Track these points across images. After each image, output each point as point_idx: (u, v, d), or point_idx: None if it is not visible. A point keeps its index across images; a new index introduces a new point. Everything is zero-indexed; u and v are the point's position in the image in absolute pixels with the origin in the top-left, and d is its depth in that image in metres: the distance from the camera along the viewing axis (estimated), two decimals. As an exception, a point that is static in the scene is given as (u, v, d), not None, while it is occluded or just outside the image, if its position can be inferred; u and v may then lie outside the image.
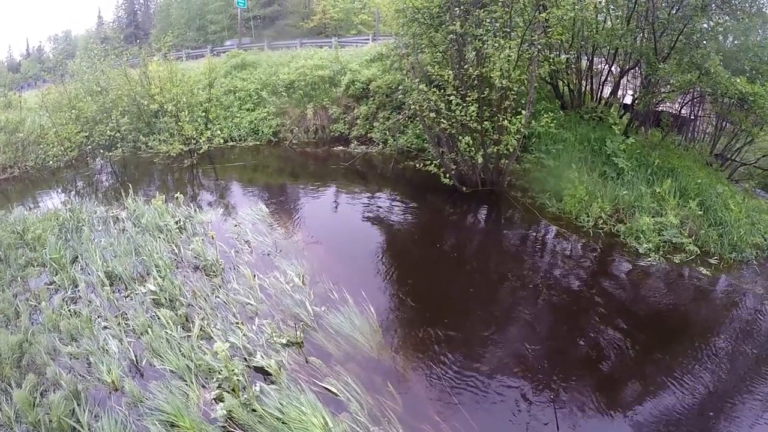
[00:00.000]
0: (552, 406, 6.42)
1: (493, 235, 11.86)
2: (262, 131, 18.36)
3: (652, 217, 11.94)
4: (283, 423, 5.39)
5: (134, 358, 6.44)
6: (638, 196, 12.50)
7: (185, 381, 5.95)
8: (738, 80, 11.74)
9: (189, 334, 6.83)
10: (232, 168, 15.63)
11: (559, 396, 6.63)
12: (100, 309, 7.55)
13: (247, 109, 18.98)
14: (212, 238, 9.60)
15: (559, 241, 11.40)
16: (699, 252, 11.34)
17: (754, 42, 12.83)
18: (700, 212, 12.26)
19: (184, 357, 6.29)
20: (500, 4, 11.21)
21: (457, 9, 11.97)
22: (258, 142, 18.13)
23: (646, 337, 8.40)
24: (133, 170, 15.16)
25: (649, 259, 10.86)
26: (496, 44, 11.30)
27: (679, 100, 17.49)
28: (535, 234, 11.76)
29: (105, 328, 7.00)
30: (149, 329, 6.84)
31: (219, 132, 17.78)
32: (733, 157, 18.80)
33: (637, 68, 15.56)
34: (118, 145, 16.94)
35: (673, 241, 11.43)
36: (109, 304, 7.66)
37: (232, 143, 17.93)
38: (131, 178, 13.65)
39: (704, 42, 12.12)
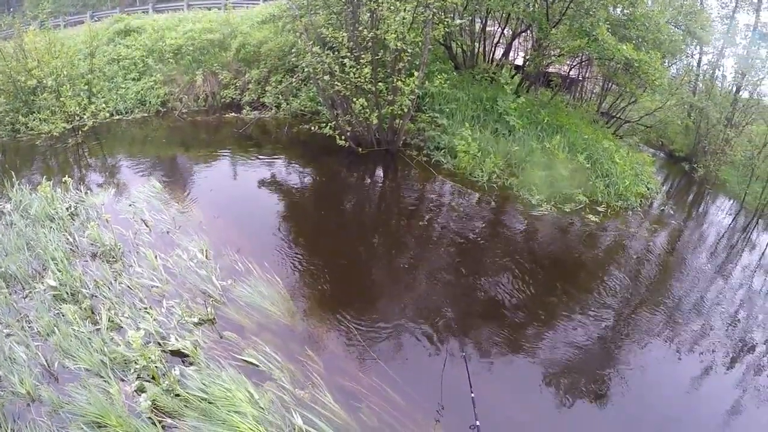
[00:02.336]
0: (462, 347, 6.81)
1: (391, 194, 12.12)
2: (150, 101, 17.31)
3: (543, 170, 12.52)
4: (209, 403, 5.36)
5: (45, 363, 5.98)
6: (529, 151, 13.12)
7: (103, 377, 5.69)
8: (624, 47, 12.37)
9: (98, 327, 6.49)
10: (121, 143, 14.78)
11: (468, 337, 7.10)
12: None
13: (133, 79, 17.79)
14: (107, 221, 8.96)
15: (456, 196, 11.83)
16: (587, 201, 12.16)
17: (641, 12, 13.46)
18: (587, 165, 13.05)
19: (97, 352, 5.99)
20: (396, -34, 11.15)
21: (352, -30, 11.79)
22: (146, 114, 17.07)
23: (543, 279, 9.07)
24: (13, 156, 13.85)
25: (542, 209, 11.58)
26: (391, 7, 11.27)
27: (568, 63, 18.22)
28: (432, 190, 12.08)
29: (8, 335, 6.43)
30: (56, 329, 6.39)
31: (104, 105, 16.56)
32: (618, 115, 20.03)
33: (529, 31, 16.05)
34: None
35: (563, 192, 12.13)
36: (7, 308, 7.01)
37: (118, 117, 16.72)
38: (12, 165, 12.45)
39: (594, 10, 12.56)
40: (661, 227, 12.93)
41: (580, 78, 20.69)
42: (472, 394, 5.34)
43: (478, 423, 4.99)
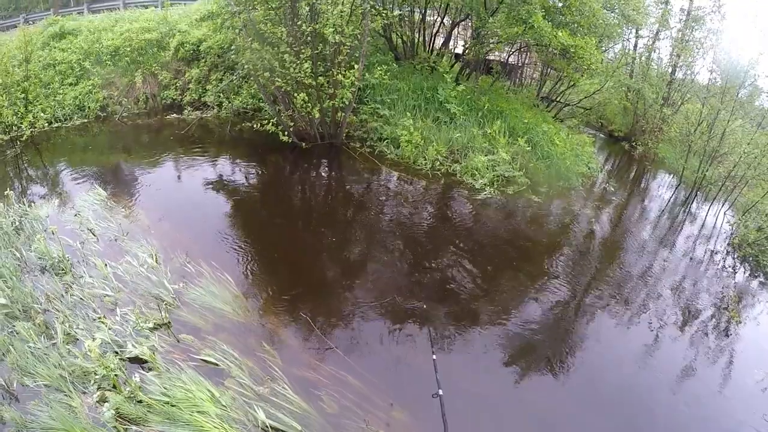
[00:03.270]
0: (422, 331, 7.05)
1: (337, 186, 12.22)
2: (89, 106, 16.80)
3: (485, 155, 12.81)
4: (172, 406, 5.38)
5: (4, 383, 5.85)
6: (471, 137, 13.37)
7: (63, 391, 5.63)
8: (560, 33, 12.67)
9: (54, 341, 6.40)
10: (62, 152, 14.37)
11: (425, 322, 7.23)
12: None
13: (70, 84, 17.28)
14: (53, 233, 8.75)
15: (401, 185, 12.02)
16: (530, 183, 12.50)
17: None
18: (528, 148, 13.36)
19: (56, 367, 5.92)
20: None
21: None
22: (85, 120, 16.54)
23: (492, 258, 9.40)
24: None
25: (485, 192, 11.88)
26: (330, 0, 11.31)
27: (507, 50, 18.49)
28: (377, 181, 12.24)
29: None
30: (11, 347, 6.27)
31: (41, 113, 16.09)
32: (557, 99, 20.47)
33: (468, 20, 16.23)
34: None
35: (506, 175, 12.53)
36: None
37: (57, 124, 16.21)
38: None
39: None
40: (603, 204, 13.38)
41: (520, 64, 21.11)
42: (434, 357, 5.66)
43: (440, 392, 5.16)
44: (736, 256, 12.29)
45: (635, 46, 22.70)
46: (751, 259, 12.19)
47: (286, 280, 8.03)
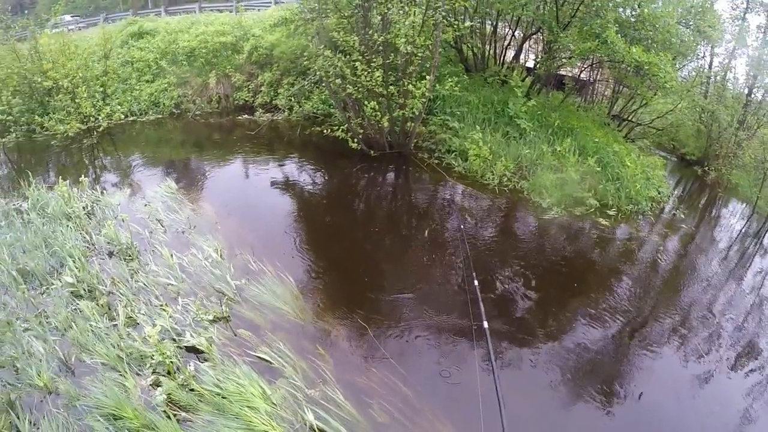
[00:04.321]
0: (473, 345, 6.89)
1: (402, 196, 12.24)
2: (163, 103, 17.51)
3: (554, 173, 12.54)
4: (223, 398, 5.46)
5: (62, 357, 6.12)
6: (540, 154, 13.13)
7: (119, 371, 5.83)
8: (634, 49, 12.34)
9: (115, 323, 6.64)
10: (136, 144, 14.95)
11: (480, 336, 7.03)
12: (17, 310, 7.07)
13: (147, 81, 18.01)
14: (123, 220, 9.21)
15: (467, 199, 11.90)
16: (598, 205, 12.15)
17: (650, 14, 13.42)
18: (598, 169, 13.05)
19: (114, 347, 6.14)
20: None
21: (362, -26, 11.88)
22: (160, 116, 17.27)
23: (555, 281, 9.13)
24: (29, 156, 14.03)
25: (552, 212, 11.54)
26: (401, 10, 11.39)
27: (579, 65, 18.15)
28: (443, 193, 12.15)
29: (26, 330, 6.58)
30: (73, 324, 6.55)
31: (118, 107, 16.84)
32: (629, 118, 19.92)
33: (539, 33, 16.03)
34: (11, 130, 15.55)
35: (574, 196, 12.13)
36: (25, 304, 7.17)
37: (132, 118, 16.93)
38: (28, 164, 12.67)
39: (603, 12, 12.56)
40: (671, 231, 12.91)
41: (592, 80, 20.66)
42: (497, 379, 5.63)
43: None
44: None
45: (710, 64, 21.91)
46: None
47: (344, 285, 8.11)
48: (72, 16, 33.69)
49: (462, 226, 9.84)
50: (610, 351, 7.62)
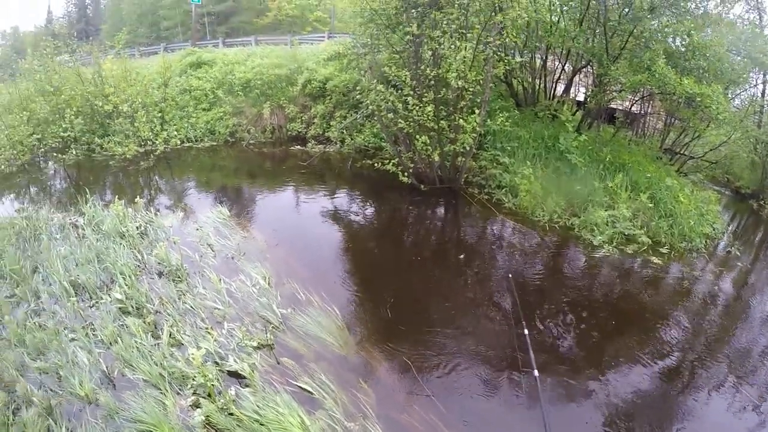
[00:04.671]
0: (520, 387, 6.83)
1: (451, 232, 12.21)
2: (219, 131, 17.99)
3: (605, 210, 12.39)
4: (261, 425, 5.49)
5: (105, 369, 6.33)
6: (591, 190, 12.93)
7: (159, 389, 5.95)
8: (686, 80, 12.22)
9: (159, 341, 6.81)
10: (190, 169, 15.45)
11: (527, 379, 6.95)
12: (66, 320, 7.38)
13: (203, 109, 18.57)
14: (175, 242, 9.41)
15: (517, 236, 11.79)
16: (651, 242, 11.89)
17: (699, 43, 13.28)
18: (650, 205, 12.80)
19: (157, 365, 6.28)
20: (456, 6, 11.38)
21: (413, 11, 12.09)
22: (214, 143, 17.75)
23: (604, 320, 8.96)
24: (88, 174, 14.69)
25: (604, 250, 11.34)
26: (452, 45, 11.54)
27: (629, 98, 18.00)
28: (493, 229, 12.11)
29: (73, 340, 6.85)
30: (119, 339, 6.76)
31: (175, 133, 17.43)
32: (681, 151, 19.53)
33: (589, 67, 16.00)
34: (72, 148, 16.34)
35: (626, 233, 11.94)
36: (74, 315, 7.47)
37: (188, 144, 17.46)
38: (86, 182, 13.27)
39: (653, 43, 12.52)
40: (727, 270, 12.60)
41: (643, 113, 20.40)
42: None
43: None
44: None
45: (763, 93, 21.36)
46: None
47: (389, 320, 8.04)
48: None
49: (509, 275, 9.59)
50: (658, 396, 7.45)
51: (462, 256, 9.62)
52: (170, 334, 6.95)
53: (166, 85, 19.04)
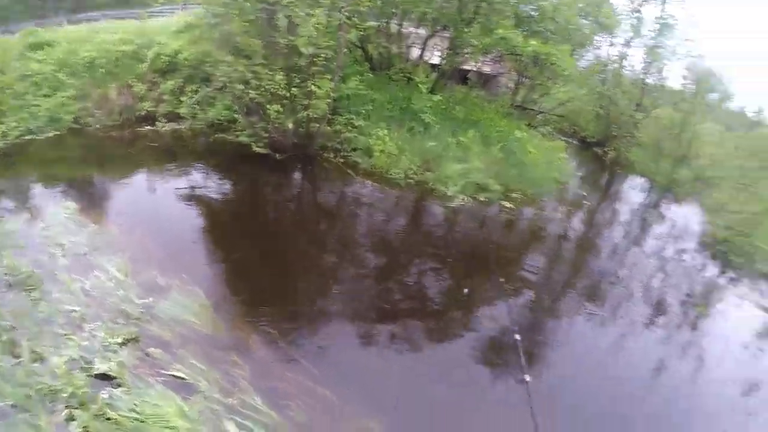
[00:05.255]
0: (389, 341, 7.29)
1: (310, 196, 12.42)
2: (62, 118, 16.73)
3: (459, 163, 12.94)
4: (140, 422, 5.40)
5: None
6: (445, 146, 13.48)
7: (29, 411, 5.56)
8: (533, 42, 12.97)
9: (20, 360, 6.33)
10: (33, 165, 14.20)
11: (391, 330, 7.46)
12: None
13: (44, 95, 17.15)
14: (22, 248, 8.77)
15: (374, 194, 12.20)
16: (503, 190, 12.61)
17: (549, 5, 14.10)
18: (501, 156, 13.49)
19: (22, 386, 5.84)
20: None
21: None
22: (58, 132, 16.31)
23: (470, 264, 9.70)
24: None
25: (459, 200, 12.04)
26: (306, 12, 11.47)
27: (482, 60, 18.72)
28: (350, 191, 12.41)
29: None
30: None
31: (14, 125, 16.02)
32: (531, 107, 20.81)
33: (444, 31, 16.45)
34: None
35: (479, 183, 12.64)
36: None
37: (29, 136, 16.11)
38: None
39: (505, 8, 13.12)
40: (576, 209, 13.66)
41: (495, 73, 21.35)
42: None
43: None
44: (706, 253, 12.69)
45: (608, 53, 23.10)
46: (719, 256, 12.67)
47: (254, 292, 8.15)
48: None
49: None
50: (531, 319, 8.29)
51: (466, 291, 9.30)
52: (30, 349, 6.44)
53: (2, 73, 17.36)
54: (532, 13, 14.82)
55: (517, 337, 7.63)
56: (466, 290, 8.72)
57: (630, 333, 8.51)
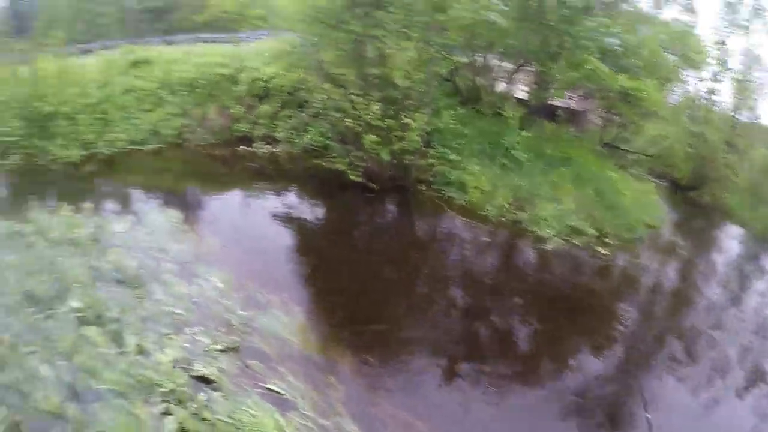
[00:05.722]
0: (478, 378, 7.18)
1: (404, 229, 12.45)
2: (164, 133, 17.58)
3: (553, 203, 12.75)
4: (236, 428, 5.47)
5: (69, 382, 5.94)
6: (537, 185, 13.29)
7: (127, 399, 5.72)
8: (620, 77, 12.72)
9: (123, 350, 6.57)
10: (137, 173, 14.96)
11: (482, 369, 7.36)
12: (23, 333, 6.91)
13: (147, 110, 18.04)
14: (128, 248, 9.18)
15: (468, 231, 12.15)
16: (597, 234, 12.27)
17: (632, 39, 13.83)
18: (595, 197, 13.20)
19: (122, 374, 6.05)
20: (399, 5, 11.55)
21: (357, 9, 12.15)
22: (160, 145, 17.12)
23: (557, 312, 9.33)
24: (30, 180, 14.04)
25: (552, 242, 11.73)
26: (396, 45, 11.62)
27: (570, 95, 18.51)
28: (444, 226, 12.44)
29: (32, 353, 6.44)
30: (80, 349, 6.44)
31: (120, 135, 16.90)
32: (622, 146, 20.30)
33: (530, 65, 16.39)
34: (11, 153, 15.54)
35: (573, 225, 12.35)
36: (31, 327, 7.01)
37: (133, 146, 16.92)
38: (30, 188, 12.71)
39: (589, 42, 12.95)
40: (670, 257, 13.25)
41: (583, 110, 21.03)
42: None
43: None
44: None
45: (696, 88, 22.43)
46: None
47: (348, 317, 8.23)
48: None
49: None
50: (618, 378, 7.92)
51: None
52: (134, 342, 6.72)
53: (107, 85, 18.30)
54: (617, 47, 14.58)
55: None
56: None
57: (723, 401, 8.08)
